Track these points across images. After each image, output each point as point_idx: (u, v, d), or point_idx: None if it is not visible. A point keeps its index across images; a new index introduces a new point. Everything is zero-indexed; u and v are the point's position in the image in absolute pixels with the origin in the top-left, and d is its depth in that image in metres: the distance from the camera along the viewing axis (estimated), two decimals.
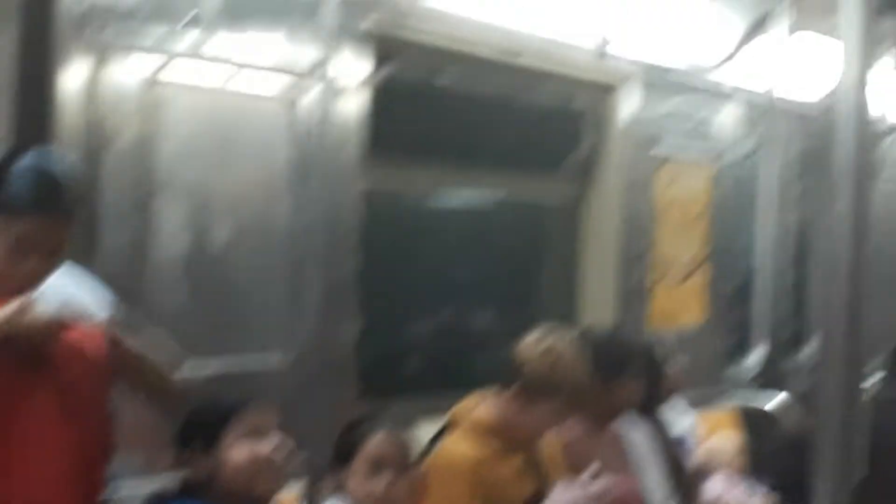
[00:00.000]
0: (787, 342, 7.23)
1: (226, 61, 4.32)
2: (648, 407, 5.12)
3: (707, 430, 5.96)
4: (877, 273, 2.09)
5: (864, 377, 1.89)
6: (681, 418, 5.60)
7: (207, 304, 4.29)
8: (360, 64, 4.78)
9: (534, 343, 4.63)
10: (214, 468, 3.75)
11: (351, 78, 4.71)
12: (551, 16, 5.42)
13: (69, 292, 3.40)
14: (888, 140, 8.25)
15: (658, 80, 6.25)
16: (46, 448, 3.32)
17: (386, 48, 4.93)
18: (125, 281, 3.94)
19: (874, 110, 1.86)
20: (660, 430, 5.29)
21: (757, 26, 6.57)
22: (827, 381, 1.83)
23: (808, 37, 6.65)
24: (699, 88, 6.60)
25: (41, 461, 3.30)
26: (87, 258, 3.68)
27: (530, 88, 5.81)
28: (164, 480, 3.86)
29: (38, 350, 3.22)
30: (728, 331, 7.08)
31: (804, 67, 6.88)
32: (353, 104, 4.75)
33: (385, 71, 4.94)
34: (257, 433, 3.74)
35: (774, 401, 6.73)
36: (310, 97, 4.21)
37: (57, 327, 3.22)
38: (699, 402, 6.12)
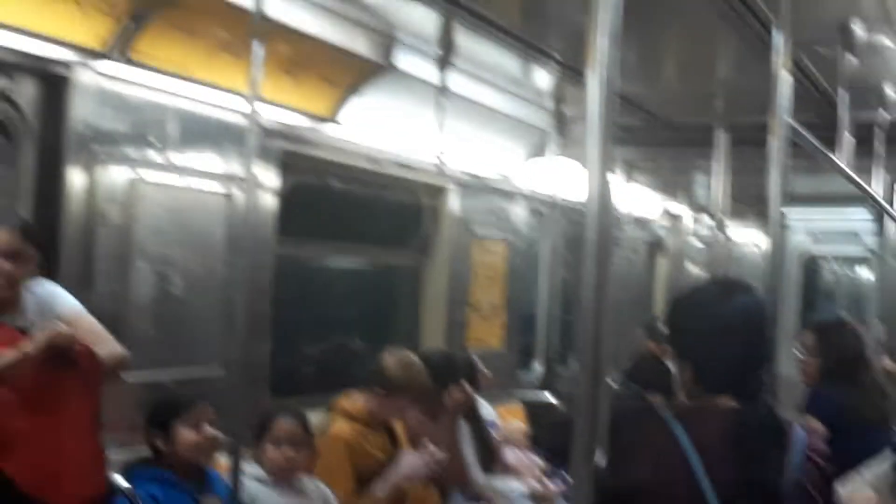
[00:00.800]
0: (556, 360, 7.28)
1: (182, 168, 4.28)
2: (469, 403, 5.12)
3: (504, 418, 5.98)
4: (615, 312, 2.12)
5: (604, 382, 1.90)
6: (486, 410, 5.61)
7: (168, 332, 4.24)
8: (273, 172, 4.76)
9: (391, 356, 4.63)
10: (171, 445, 3.72)
11: (268, 180, 4.69)
12: (406, 140, 5.44)
13: (56, 302, 3.41)
14: (624, 226, 8.40)
15: (474, 185, 6.27)
16: (78, 416, 3.30)
17: (291, 161, 4.90)
18: (111, 315, 3.86)
19: (613, 208, 1.88)
20: (477, 418, 5.30)
21: (535, 151, 6.65)
22: (581, 385, 1.82)
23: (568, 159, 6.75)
24: (501, 190, 6.64)
25: (76, 426, 3.27)
26: (86, 300, 3.59)
27: (389, 189, 5.82)
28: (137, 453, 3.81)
29: (67, 354, 3.17)
30: (518, 352, 7.08)
31: (570, 178, 6.96)
32: (270, 198, 4.72)
33: (290, 177, 4.91)
34: (199, 423, 3.74)
35: (549, 397, 6.76)
36: (240, 194, 4.16)
37: (73, 340, 3.19)
38: (499, 399, 6.14)
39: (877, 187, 5.50)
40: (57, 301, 3.39)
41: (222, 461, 3.65)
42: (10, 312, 3.29)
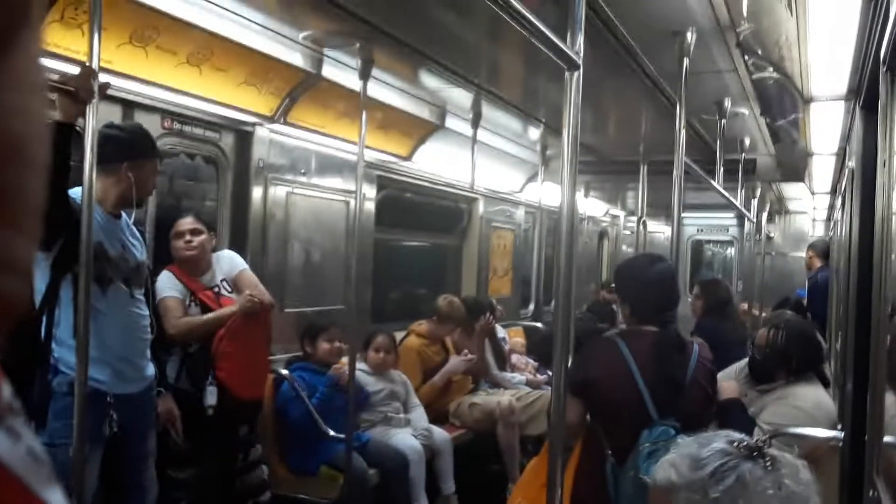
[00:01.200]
0: (542, 302, 7.21)
1: (318, 186, 4.25)
2: (490, 327, 5.06)
3: (511, 336, 5.94)
4: (578, 274, 2.06)
5: (571, 316, 1.85)
6: (500, 331, 5.57)
7: (311, 283, 4.21)
8: (373, 188, 4.72)
9: (443, 299, 4.61)
10: (314, 350, 3.73)
11: (369, 193, 4.64)
12: (452, 169, 5.39)
13: (237, 262, 3.36)
14: (583, 222, 8.31)
15: (493, 196, 6.21)
16: (260, 344, 3.28)
17: (384, 181, 4.87)
18: (278, 274, 3.88)
19: (577, 211, 1.84)
20: (495, 336, 5.26)
21: (530, 177, 6.56)
22: (558, 316, 1.78)
23: (549, 182, 6.61)
24: (510, 200, 6.57)
25: (255, 348, 3.25)
26: (263, 264, 3.59)
27: (442, 198, 5.77)
28: (294, 353, 3.80)
29: (260, 309, 3.20)
30: (520, 297, 7.03)
31: (551, 193, 6.87)
32: (370, 204, 4.68)
33: (383, 191, 4.88)
34: (331, 337, 3.73)
35: (538, 325, 6.70)
36: (352, 201, 4.12)
37: (259, 304, 3.19)
38: (508, 325, 6.10)
39: (738, 200, 5.44)
40: (233, 264, 3.35)
41: (344, 360, 3.65)
42: (204, 275, 3.24)
